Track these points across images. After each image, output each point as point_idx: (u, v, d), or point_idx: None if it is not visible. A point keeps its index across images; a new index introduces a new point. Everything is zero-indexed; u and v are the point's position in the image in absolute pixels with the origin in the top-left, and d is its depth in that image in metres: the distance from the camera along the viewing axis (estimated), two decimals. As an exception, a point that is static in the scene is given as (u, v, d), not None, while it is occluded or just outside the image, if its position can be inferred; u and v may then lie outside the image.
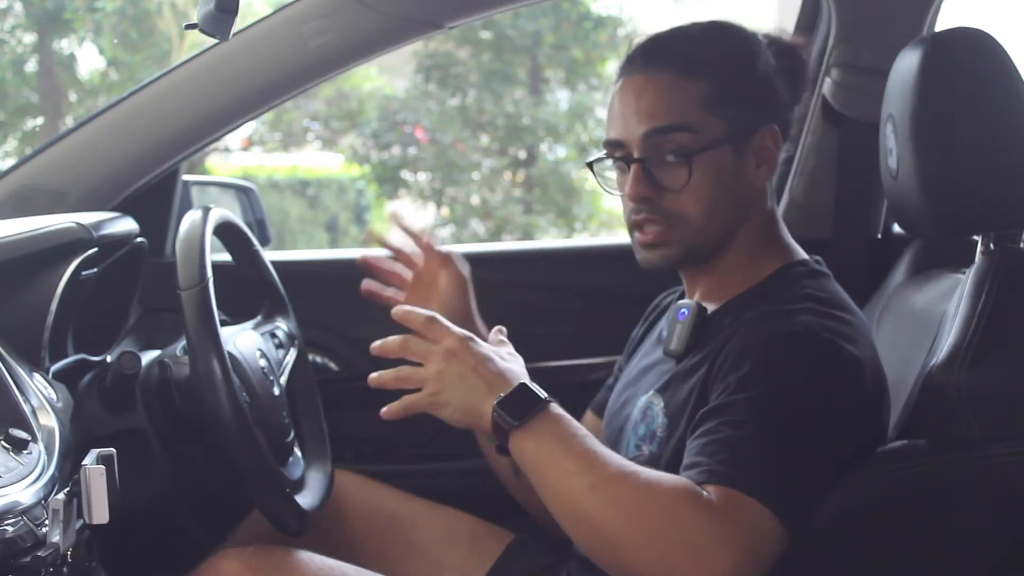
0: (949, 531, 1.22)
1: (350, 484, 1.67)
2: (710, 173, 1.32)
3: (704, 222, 1.34)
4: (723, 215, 1.34)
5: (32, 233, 1.43)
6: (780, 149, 1.37)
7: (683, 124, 1.32)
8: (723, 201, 1.34)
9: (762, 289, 1.35)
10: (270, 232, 2.33)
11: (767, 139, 1.35)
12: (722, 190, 1.33)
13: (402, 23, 1.78)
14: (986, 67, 1.32)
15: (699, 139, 1.32)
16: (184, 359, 1.43)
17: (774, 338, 1.23)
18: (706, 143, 1.32)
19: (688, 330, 1.36)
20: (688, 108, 1.32)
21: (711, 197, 1.33)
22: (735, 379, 1.20)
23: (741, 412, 1.17)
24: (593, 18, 9.05)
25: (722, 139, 1.33)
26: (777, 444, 1.15)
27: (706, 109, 1.32)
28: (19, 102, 9.24)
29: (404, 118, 8.95)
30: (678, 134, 1.32)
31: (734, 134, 1.33)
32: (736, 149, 1.34)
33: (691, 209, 1.33)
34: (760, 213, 1.38)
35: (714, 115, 1.32)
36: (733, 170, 1.34)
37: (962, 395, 1.20)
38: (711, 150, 1.32)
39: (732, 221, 1.36)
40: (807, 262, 1.38)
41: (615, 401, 1.50)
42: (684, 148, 1.32)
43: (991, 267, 1.28)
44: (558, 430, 1.18)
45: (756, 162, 1.36)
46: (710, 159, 1.32)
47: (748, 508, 1.11)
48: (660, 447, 1.32)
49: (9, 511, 1.03)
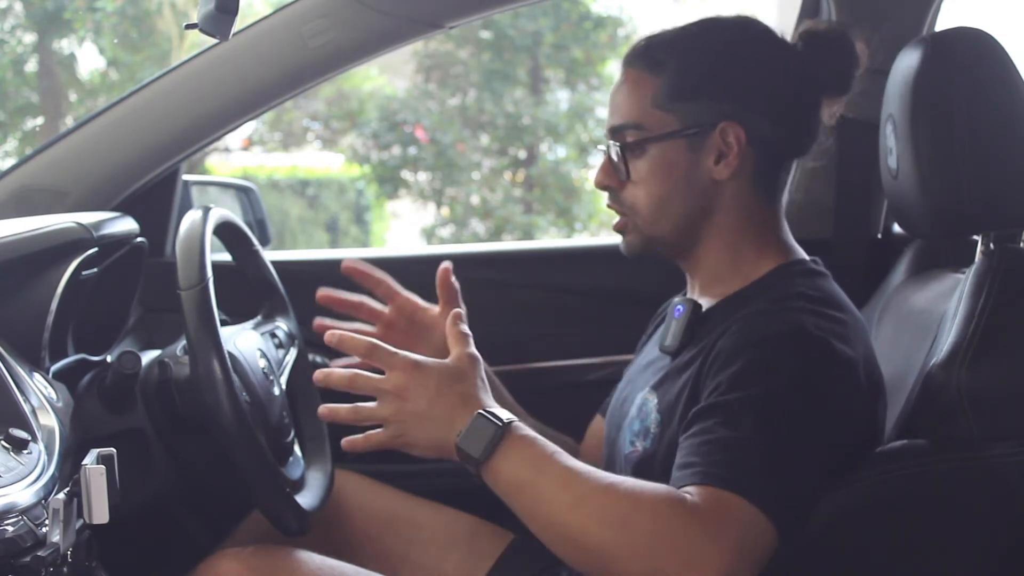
0: (949, 531, 1.22)
1: (350, 484, 1.67)
2: (657, 166, 1.36)
3: (653, 213, 1.38)
4: (674, 207, 1.37)
5: (32, 233, 1.43)
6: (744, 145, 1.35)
7: (631, 122, 1.37)
8: (673, 195, 1.37)
9: (756, 287, 1.35)
10: (270, 232, 2.33)
11: (729, 135, 1.35)
12: (671, 183, 1.36)
13: (402, 23, 1.78)
14: (986, 67, 1.32)
15: (644, 134, 1.36)
16: (184, 359, 1.43)
17: (765, 337, 1.23)
18: (652, 137, 1.36)
19: (683, 327, 1.37)
20: (638, 105, 1.37)
21: (659, 190, 1.37)
22: (727, 377, 1.21)
23: (733, 412, 1.17)
24: (593, 18, 9.05)
25: (670, 133, 1.35)
26: (768, 444, 1.15)
27: (656, 106, 1.36)
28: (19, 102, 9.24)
29: (404, 118, 8.95)
30: (629, 130, 1.37)
31: (685, 128, 1.35)
32: (689, 143, 1.35)
33: (641, 200, 1.38)
34: (735, 208, 1.37)
35: (664, 111, 1.36)
36: (685, 164, 1.36)
37: (962, 395, 1.20)
38: (657, 144, 1.36)
39: (687, 215, 1.37)
40: (804, 261, 1.38)
41: (616, 398, 1.51)
42: (634, 142, 1.37)
43: (991, 267, 1.28)
44: (526, 454, 1.17)
45: (715, 157, 1.36)
46: (656, 153, 1.36)
47: (737, 508, 1.11)
48: (654, 444, 1.32)
49: (9, 511, 1.03)
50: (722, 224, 1.38)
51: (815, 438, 1.18)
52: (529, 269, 2.15)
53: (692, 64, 1.36)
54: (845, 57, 1.40)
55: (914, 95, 1.32)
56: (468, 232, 9.17)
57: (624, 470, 1.36)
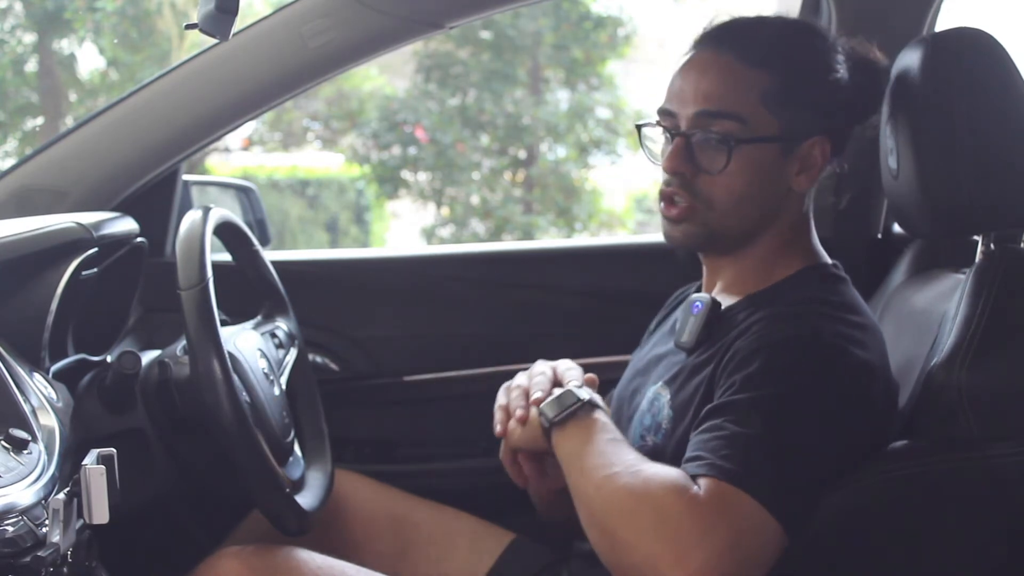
0: (949, 531, 1.22)
1: (350, 484, 1.67)
2: (749, 166, 1.31)
3: (728, 210, 1.33)
4: (750, 210, 1.34)
5: (32, 233, 1.43)
6: (827, 161, 1.35)
7: (735, 113, 1.31)
8: (754, 196, 1.33)
9: (777, 290, 1.35)
10: (270, 232, 2.33)
11: (816, 148, 1.34)
12: (756, 185, 1.33)
13: (402, 23, 1.78)
14: (986, 67, 1.32)
15: (747, 131, 1.31)
16: (184, 359, 1.43)
17: (782, 339, 1.23)
18: (753, 136, 1.31)
19: (700, 324, 1.35)
20: (745, 98, 1.31)
21: (742, 189, 1.32)
22: (741, 378, 1.20)
23: (745, 411, 1.17)
24: (593, 18, 9.04)
25: (771, 137, 1.32)
26: (777, 443, 1.15)
27: (763, 103, 1.31)
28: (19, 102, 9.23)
29: (404, 118, 8.94)
30: (728, 121, 1.31)
31: (784, 135, 1.32)
32: (783, 150, 1.33)
33: (720, 195, 1.33)
34: (792, 217, 1.37)
35: (769, 111, 1.31)
36: (773, 169, 1.33)
37: (962, 395, 1.20)
38: (756, 144, 1.31)
39: (759, 218, 1.35)
40: (827, 266, 1.38)
41: (624, 388, 1.50)
42: (730, 135, 1.31)
43: (991, 267, 1.28)
44: (588, 430, 1.25)
45: (799, 168, 1.34)
46: (752, 152, 1.31)
47: (737, 502, 1.11)
48: (664, 439, 1.32)
49: (9, 511, 1.03)
50: (779, 229, 1.37)
51: (825, 441, 1.18)
52: (529, 269, 2.15)
53: (803, 69, 1.33)
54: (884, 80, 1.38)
55: (914, 95, 1.32)
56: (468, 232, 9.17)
57: None
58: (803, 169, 1.34)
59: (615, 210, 9.42)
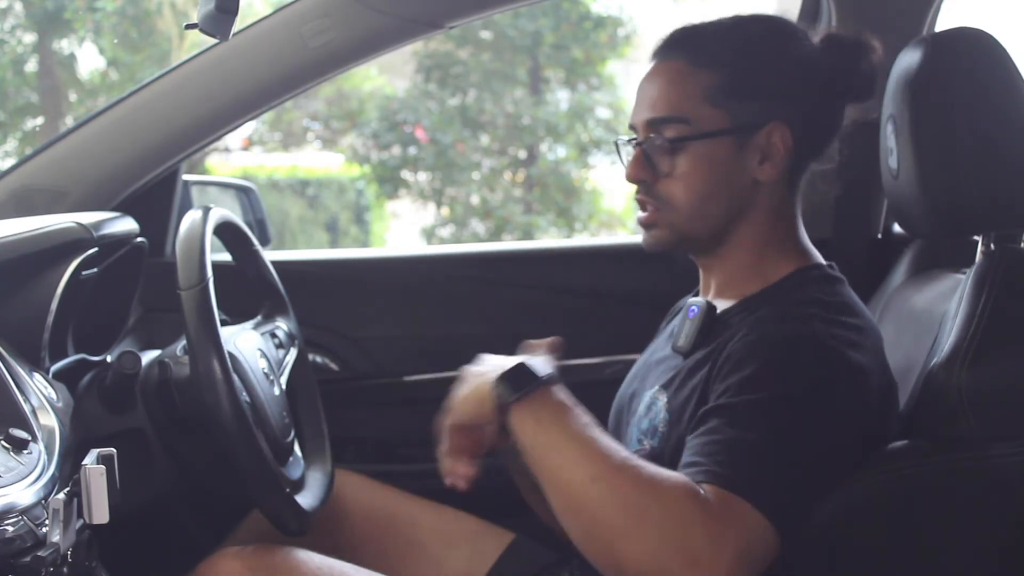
0: (949, 531, 1.22)
1: (350, 484, 1.67)
2: (703, 163, 1.32)
3: (692, 209, 1.34)
4: (714, 205, 1.34)
5: (32, 233, 1.43)
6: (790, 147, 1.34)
7: (679, 115, 1.33)
8: (714, 192, 1.34)
9: (773, 291, 1.35)
10: (270, 232, 2.33)
11: (774, 135, 1.33)
12: (714, 181, 1.33)
13: (402, 23, 1.78)
14: (986, 67, 1.32)
15: (693, 129, 1.32)
16: (184, 359, 1.43)
17: (778, 342, 1.23)
18: (700, 133, 1.32)
19: (697, 327, 1.35)
20: (688, 99, 1.33)
21: (701, 187, 1.33)
22: (737, 380, 1.20)
23: (743, 415, 1.17)
24: (593, 18, 9.04)
25: (721, 131, 1.32)
26: (776, 449, 1.15)
27: (707, 100, 1.32)
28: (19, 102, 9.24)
29: (404, 118, 8.94)
30: (675, 124, 1.33)
31: (735, 127, 1.32)
32: (737, 143, 1.33)
33: (679, 195, 1.34)
34: (768, 210, 1.37)
35: (715, 106, 1.32)
36: (730, 163, 1.33)
37: (962, 395, 1.20)
38: (704, 140, 1.32)
39: (727, 212, 1.35)
40: (822, 266, 1.37)
41: (624, 392, 1.50)
42: (679, 136, 1.33)
43: (991, 267, 1.28)
44: (560, 412, 1.17)
45: (760, 157, 1.34)
46: (702, 149, 1.32)
47: (742, 511, 1.11)
48: (661, 442, 1.31)
49: (9, 511, 1.03)
50: (753, 226, 1.36)
51: (823, 446, 1.17)
52: (529, 269, 2.15)
53: (745, 61, 1.33)
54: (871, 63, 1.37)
55: (914, 95, 1.32)
56: (468, 232, 9.17)
57: None
58: (765, 158, 1.34)
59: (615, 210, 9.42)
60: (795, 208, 1.40)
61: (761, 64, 1.34)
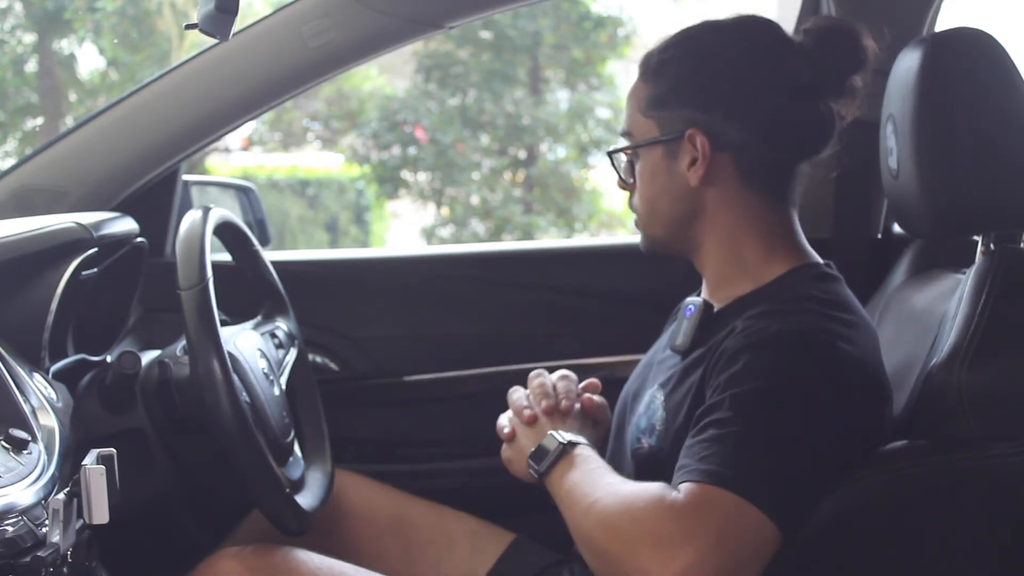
0: (949, 531, 1.22)
1: (350, 484, 1.67)
2: (644, 171, 1.41)
3: (646, 216, 1.43)
4: (662, 211, 1.40)
5: (32, 233, 1.43)
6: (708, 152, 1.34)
7: (626, 130, 1.43)
8: (659, 199, 1.40)
9: (768, 290, 1.35)
10: (270, 232, 2.33)
11: (696, 141, 1.35)
12: (657, 189, 1.40)
13: (402, 23, 1.78)
14: (986, 67, 1.32)
15: (634, 141, 1.41)
16: (184, 359, 1.43)
17: (767, 337, 1.23)
18: (636, 143, 1.41)
19: (694, 326, 1.37)
20: (632, 113, 1.42)
21: (648, 195, 1.41)
22: (726, 377, 1.22)
23: (726, 409, 1.19)
24: (593, 18, 9.04)
25: (650, 140, 1.39)
26: (759, 437, 1.16)
27: (641, 112, 1.40)
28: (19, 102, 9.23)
29: (404, 118, 8.94)
30: (625, 136, 1.43)
31: (661, 136, 1.38)
32: (666, 150, 1.38)
33: (639, 204, 1.43)
34: (725, 213, 1.37)
35: (647, 117, 1.39)
36: (665, 170, 1.38)
37: (962, 395, 1.20)
38: (643, 150, 1.40)
39: (676, 218, 1.39)
40: (818, 265, 1.38)
41: (627, 393, 1.51)
42: (626, 148, 1.43)
43: (991, 267, 1.28)
44: (575, 469, 1.30)
45: (689, 162, 1.36)
46: (644, 159, 1.41)
47: (719, 500, 1.12)
48: (659, 441, 1.32)
49: (9, 511, 1.03)
50: (715, 226, 1.38)
51: (810, 437, 1.18)
52: (529, 269, 2.15)
53: (669, 72, 1.38)
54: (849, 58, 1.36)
55: (914, 95, 1.32)
56: (468, 232, 9.17)
57: (630, 465, 1.38)
58: (692, 163, 1.37)
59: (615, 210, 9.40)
60: (775, 207, 1.39)
61: (678, 74, 1.38)
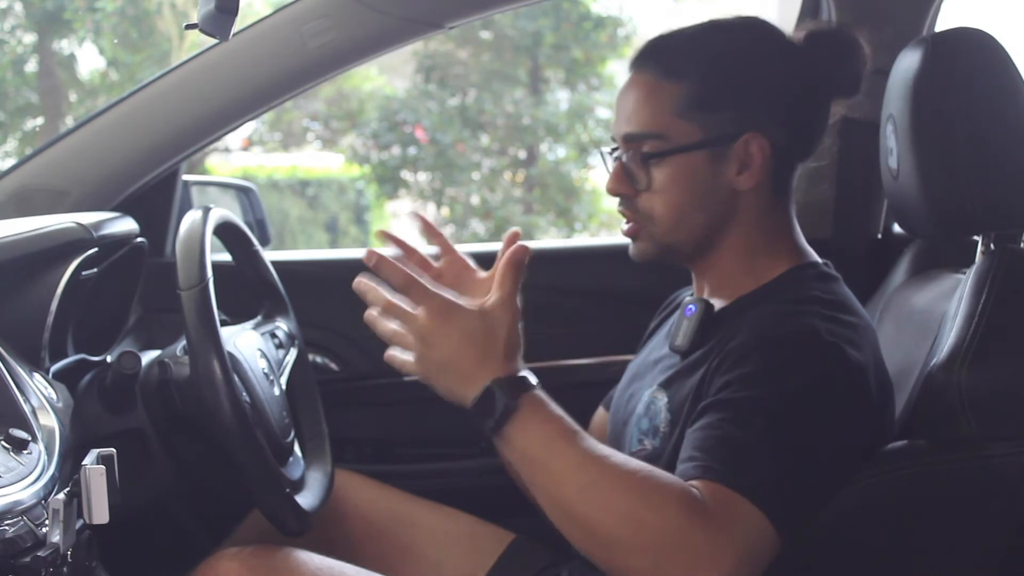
0: (949, 531, 1.22)
1: (350, 484, 1.67)
2: (680, 177, 1.33)
3: (671, 223, 1.35)
4: (693, 218, 1.34)
5: (32, 233, 1.43)
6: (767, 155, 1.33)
7: (652, 132, 1.33)
8: (693, 205, 1.34)
9: (769, 289, 1.35)
10: (270, 232, 2.33)
11: (752, 145, 1.33)
12: (693, 194, 1.33)
13: (402, 23, 1.78)
14: (986, 67, 1.32)
15: (667, 144, 1.32)
16: (184, 359, 1.43)
17: (778, 338, 1.23)
18: (675, 148, 1.32)
19: (695, 326, 1.35)
20: (660, 114, 1.33)
21: (679, 200, 1.33)
22: (737, 376, 1.20)
23: (742, 411, 1.17)
24: (593, 18, 9.04)
25: (694, 144, 1.32)
26: (776, 447, 1.15)
27: (678, 115, 1.32)
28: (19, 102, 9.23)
29: (404, 118, 8.94)
30: (650, 140, 1.33)
31: (709, 140, 1.32)
32: (712, 155, 1.32)
33: (658, 210, 1.35)
34: (753, 215, 1.36)
35: (687, 121, 1.32)
36: (707, 175, 1.33)
37: (962, 395, 1.20)
38: (680, 155, 1.32)
39: (707, 224, 1.35)
40: (817, 265, 1.38)
41: (621, 394, 1.50)
42: (654, 151, 1.33)
43: (991, 267, 1.28)
44: (540, 430, 1.12)
45: (738, 168, 1.33)
46: (679, 163, 1.33)
47: (745, 512, 1.10)
48: (663, 442, 1.31)
49: (9, 511, 1.03)
50: (739, 231, 1.36)
51: (823, 443, 1.17)
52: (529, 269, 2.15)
53: (715, 73, 1.33)
54: (856, 58, 1.37)
55: (914, 95, 1.32)
56: (468, 232, 9.17)
57: None
58: (743, 168, 1.33)
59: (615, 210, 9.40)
60: (787, 209, 1.40)
61: (732, 75, 1.33)
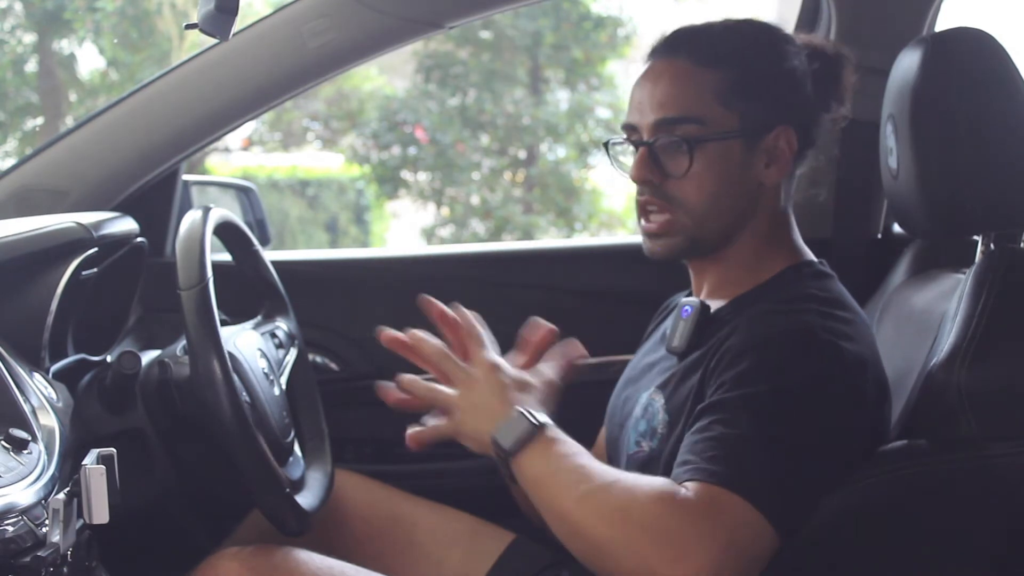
0: (949, 531, 1.22)
1: (350, 484, 1.67)
2: (714, 163, 1.32)
3: (704, 210, 1.33)
4: (724, 206, 1.34)
5: (32, 233, 1.43)
6: (795, 151, 1.35)
7: (692, 116, 1.32)
8: (725, 193, 1.33)
9: (766, 288, 1.35)
10: (270, 232, 2.33)
11: (781, 139, 1.34)
12: (726, 182, 1.33)
13: (402, 23, 1.78)
14: (986, 67, 1.32)
15: (707, 130, 1.32)
16: (184, 359, 1.43)
17: (773, 336, 1.23)
18: (714, 134, 1.32)
19: (691, 328, 1.36)
20: (700, 99, 1.32)
21: (712, 187, 1.33)
22: (731, 376, 1.21)
23: (734, 409, 1.18)
24: (593, 18, 9.03)
25: (732, 132, 1.32)
26: (768, 442, 1.15)
27: (718, 101, 1.32)
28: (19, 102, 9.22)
29: (404, 118, 8.94)
30: (688, 124, 1.32)
31: (745, 129, 1.33)
32: (746, 144, 1.33)
33: (692, 196, 1.33)
34: (769, 212, 1.37)
35: (727, 108, 1.32)
36: (740, 164, 1.33)
37: (962, 395, 1.20)
38: (718, 141, 1.32)
39: (735, 214, 1.35)
40: (813, 263, 1.38)
41: (617, 397, 1.50)
42: (690, 136, 1.32)
43: (991, 267, 1.28)
44: (549, 451, 1.21)
45: (766, 160, 1.34)
46: (716, 150, 1.32)
47: (730, 504, 1.11)
48: (660, 444, 1.32)
49: (9, 511, 1.04)
50: (755, 227, 1.37)
51: (817, 439, 1.17)
52: (529, 269, 2.15)
53: (753, 61, 1.34)
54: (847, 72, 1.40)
55: (914, 95, 1.32)
56: (468, 232, 9.16)
57: (628, 469, 1.36)
58: (771, 161, 1.34)
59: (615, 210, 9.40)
60: (789, 208, 1.41)
61: (767, 65, 1.35)
